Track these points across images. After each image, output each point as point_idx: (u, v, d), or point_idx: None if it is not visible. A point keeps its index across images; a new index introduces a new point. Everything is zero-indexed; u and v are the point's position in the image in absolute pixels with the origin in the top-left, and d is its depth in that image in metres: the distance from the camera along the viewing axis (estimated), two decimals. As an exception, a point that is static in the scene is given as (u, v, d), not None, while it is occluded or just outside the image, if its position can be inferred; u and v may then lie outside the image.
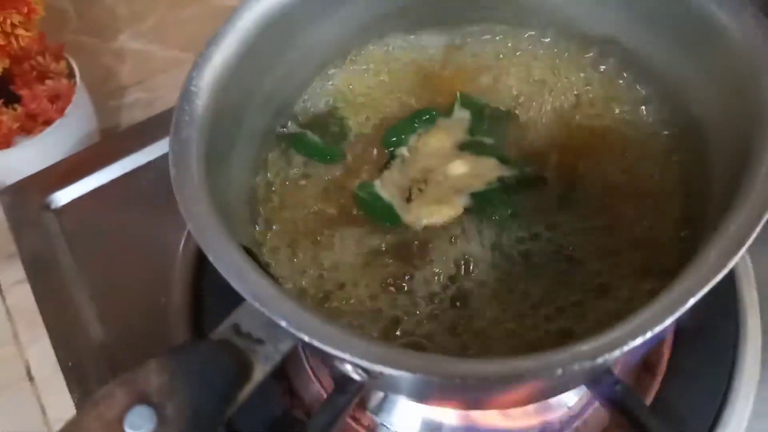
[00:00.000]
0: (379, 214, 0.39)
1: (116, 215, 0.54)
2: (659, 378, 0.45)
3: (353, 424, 0.45)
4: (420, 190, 0.40)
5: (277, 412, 0.45)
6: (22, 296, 0.70)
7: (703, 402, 0.44)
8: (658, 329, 0.26)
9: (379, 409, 0.46)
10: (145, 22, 0.85)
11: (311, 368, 0.48)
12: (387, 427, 0.45)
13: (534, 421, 0.45)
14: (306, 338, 0.26)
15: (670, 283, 0.28)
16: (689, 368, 0.45)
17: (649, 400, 0.44)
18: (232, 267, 0.28)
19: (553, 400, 0.45)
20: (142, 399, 0.24)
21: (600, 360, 0.25)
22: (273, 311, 0.27)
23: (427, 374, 0.25)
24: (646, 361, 0.47)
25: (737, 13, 0.34)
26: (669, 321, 0.26)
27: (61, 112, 0.66)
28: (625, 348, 0.26)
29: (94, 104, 0.74)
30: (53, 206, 0.54)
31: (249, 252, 0.31)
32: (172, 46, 0.84)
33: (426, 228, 0.38)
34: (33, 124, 0.66)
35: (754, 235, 0.28)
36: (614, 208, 0.38)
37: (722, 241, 0.29)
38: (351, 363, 0.28)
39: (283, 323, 0.27)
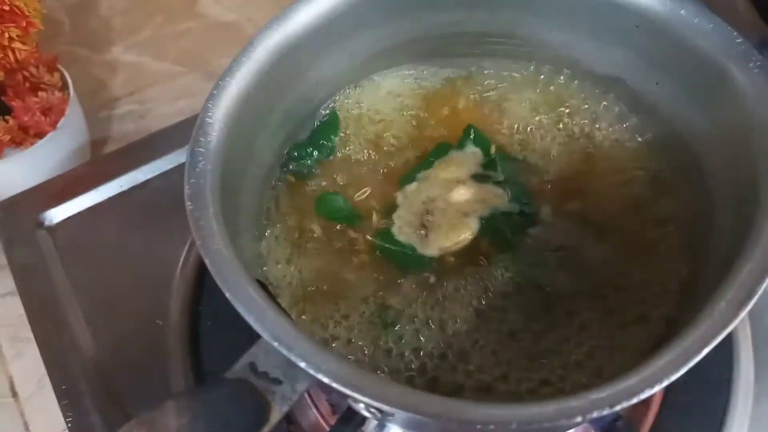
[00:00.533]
0: (402, 260, 0.39)
1: (111, 234, 0.53)
2: (654, 411, 0.46)
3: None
4: (428, 222, 0.41)
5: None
6: (8, 309, 0.69)
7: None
8: (673, 378, 0.26)
9: (376, 435, 0.46)
10: (140, 35, 0.84)
11: (310, 396, 0.47)
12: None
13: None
14: (326, 380, 0.26)
15: (681, 332, 0.28)
16: (683, 402, 0.46)
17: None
18: (251, 306, 0.28)
19: None
20: (163, 443, 0.24)
21: (617, 407, 0.26)
22: (293, 352, 0.27)
23: (447, 420, 0.25)
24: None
25: (744, 64, 0.35)
26: (683, 370, 0.27)
27: (53, 125, 0.65)
28: (642, 396, 0.26)
29: (85, 115, 0.73)
30: (47, 223, 0.53)
31: (263, 286, 0.31)
32: (165, 59, 0.84)
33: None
34: (24, 136, 0.65)
35: (764, 285, 0.29)
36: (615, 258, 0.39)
37: (733, 290, 0.29)
38: (368, 405, 0.28)
39: (303, 364, 0.27)
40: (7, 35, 0.54)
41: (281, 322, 0.28)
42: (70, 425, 0.46)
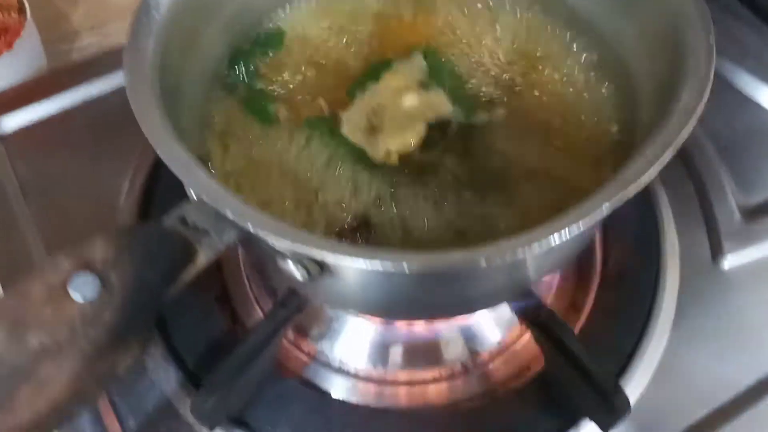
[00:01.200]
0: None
1: (65, 146, 0.54)
2: (584, 315, 0.49)
3: (293, 349, 0.47)
4: (377, 125, 0.42)
5: (218, 335, 0.46)
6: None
7: (623, 337, 0.47)
8: (573, 230, 0.28)
9: (321, 337, 0.48)
10: (102, -33, 0.83)
11: (255, 296, 0.49)
12: (326, 354, 0.47)
13: (465, 351, 0.48)
14: (250, 227, 0.28)
15: (594, 191, 0.30)
16: (612, 307, 0.49)
17: (574, 334, 0.47)
18: (182, 162, 0.30)
19: (485, 334, 0.48)
20: (88, 267, 0.25)
21: (520, 254, 0.28)
22: (219, 202, 0.28)
23: (365, 258, 0.27)
24: (573, 302, 0.50)
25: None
26: (583, 224, 0.29)
27: (9, 45, 0.65)
28: (551, 242, 0.28)
29: (44, 47, 0.73)
30: (-1, 133, 0.54)
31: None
32: (128, -7, 0.83)
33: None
34: (-21, 55, 0.65)
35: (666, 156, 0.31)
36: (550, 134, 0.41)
37: (637, 163, 0.31)
38: (293, 254, 0.30)
39: (229, 213, 0.28)
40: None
41: (210, 179, 0.30)
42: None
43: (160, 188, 0.51)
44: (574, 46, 0.45)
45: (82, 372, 0.23)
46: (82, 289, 0.25)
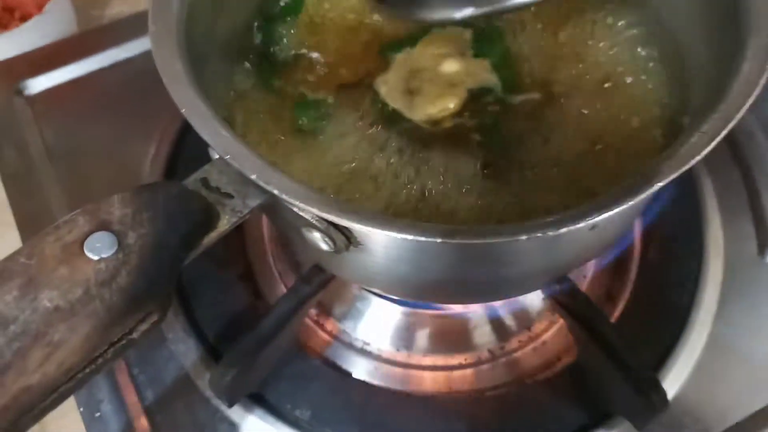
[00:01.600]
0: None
1: (92, 109, 0.53)
2: (620, 305, 0.46)
3: (317, 328, 0.46)
4: (415, 89, 0.40)
5: (240, 309, 0.45)
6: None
7: (661, 330, 0.45)
8: (621, 206, 0.26)
9: (344, 316, 0.46)
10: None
11: (278, 272, 0.48)
12: (349, 334, 0.46)
13: (492, 338, 0.46)
14: (276, 191, 0.26)
15: (640, 172, 0.28)
16: (650, 298, 0.46)
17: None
18: (207, 122, 0.28)
19: (514, 322, 0.46)
20: (104, 226, 0.24)
21: (564, 230, 0.26)
22: (245, 165, 0.27)
23: (392, 230, 0.25)
24: (609, 292, 0.48)
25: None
26: (631, 202, 0.26)
27: (40, 7, 0.64)
28: (587, 221, 0.26)
29: (75, 12, 0.72)
30: (26, 92, 0.53)
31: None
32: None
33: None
34: (10, 18, 0.65)
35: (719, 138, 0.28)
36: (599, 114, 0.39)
37: (685, 145, 0.29)
38: (317, 225, 0.28)
39: (254, 176, 0.26)
40: None
41: (236, 140, 0.28)
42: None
43: (186, 155, 0.50)
44: (620, 22, 0.42)
45: (96, 336, 0.22)
46: (98, 248, 0.23)
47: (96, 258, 0.23)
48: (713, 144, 0.28)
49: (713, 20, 0.35)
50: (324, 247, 0.30)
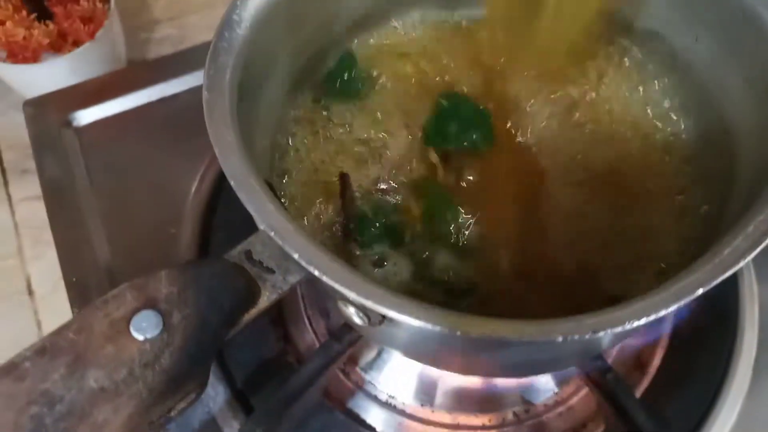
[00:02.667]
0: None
1: (136, 142, 0.54)
2: (650, 376, 0.46)
3: (342, 377, 0.46)
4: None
5: (269, 355, 0.46)
6: (32, 212, 0.71)
7: (689, 406, 0.44)
8: (663, 312, 0.26)
9: (370, 367, 0.47)
10: (187, -40, 0.84)
11: (308, 318, 0.48)
12: (374, 385, 0.46)
13: (518, 399, 0.46)
14: (316, 273, 0.27)
15: (679, 274, 0.28)
16: (681, 371, 0.46)
17: (637, 396, 0.45)
18: (253, 195, 0.29)
19: (541, 383, 0.46)
20: (151, 304, 0.24)
21: (601, 333, 0.26)
22: (287, 243, 0.27)
23: (426, 322, 0.25)
24: (639, 359, 0.47)
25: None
26: (673, 308, 0.26)
27: (91, 35, 0.66)
28: (628, 326, 0.26)
29: (124, 34, 0.74)
30: (75, 124, 0.54)
31: (269, 186, 0.31)
32: (208, -12, 0.84)
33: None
34: (63, 43, 0.67)
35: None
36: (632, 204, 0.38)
37: (737, 240, 0.29)
38: (354, 303, 0.28)
39: (296, 255, 0.27)
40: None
41: (280, 215, 0.28)
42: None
43: (228, 190, 0.51)
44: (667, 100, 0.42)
45: (137, 416, 0.23)
46: (144, 328, 0.24)
47: (141, 338, 0.24)
48: (758, 250, 0.28)
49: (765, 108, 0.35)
50: (358, 321, 0.30)
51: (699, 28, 0.39)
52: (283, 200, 0.38)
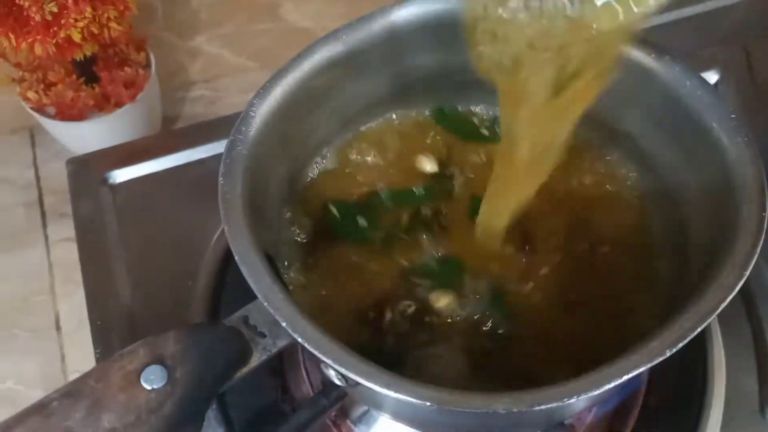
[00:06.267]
0: None
1: (163, 200, 0.60)
2: (619, 444, 0.49)
3: (333, 429, 0.50)
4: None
5: (266, 402, 0.50)
6: (66, 253, 0.78)
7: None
8: (596, 392, 0.30)
9: (360, 420, 0.51)
10: (223, 28, 0.92)
11: (306, 369, 0.53)
12: (362, 440, 0.50)
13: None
14: (300, 339, 0.32)
15: (635, 346, 0.32)
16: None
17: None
18: (253, 270, 0.34)
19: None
20: (159, 360, 0.29)
21: (538, 408, 0.30)
22: (277, 312, 0.32)
23: (391, 391, 0.30)
24: (609, 429, 0.50)
25: (734, 137, 0.39)
26: (606, 387, 0.30)
27: (132, 98, 0.74)
28: (563, 402, 0.30)
29: (161, 92, 0.82)
30: (110, 182, 0.61)
31: (270, 258, 0.37)
32: (242, 54, 0.91)
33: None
34: (106, 103, 0.74)
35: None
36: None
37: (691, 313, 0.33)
38: (333, 368, 0.33)
39: (284, 324, 0.32)
40: (106, 15, 0.63)
41: (274, 288, 0.34)
42: (97, 356, 0.52)
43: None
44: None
45: (140, 455, 0.27)
46: (152, 380, 0.29)
47: (149, 388, 0.29)
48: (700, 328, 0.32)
49: (712, 215, 0.39)
50: (338, 382, 0.35)
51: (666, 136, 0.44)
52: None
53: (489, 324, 0.41)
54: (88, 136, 0.74)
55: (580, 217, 0.46)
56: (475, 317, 0.42)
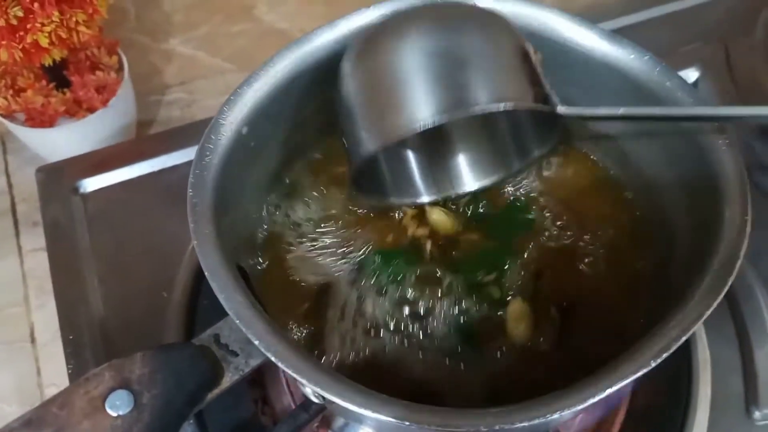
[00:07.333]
0: None
1: (137, 209, 0.59)
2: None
3: (314, 440, 0.49)
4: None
5: (246, 415, 0.49)
6: (39, 263, 0.76)
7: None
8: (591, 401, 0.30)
9: (341, 430, 0.50)
10: (198, 30, 0.90)
11: (287, 381, 0.52)
12: (344, 451, 0.49)
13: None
14: (272, 358, 0.30)
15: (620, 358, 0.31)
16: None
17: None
18: (223, 286, 0.33)
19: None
20: (125, 384, 0.28)
21: (519, 425, 0.29)
22: (249, 330, 0.31)
23: (367, 410, 0.29)
24: (596, 432, 0.50)
25: (713, 135, 0.38)
26: (581, 407, 0.30)
27: (105, 102, 0.72)
28: (545, 418, 0.29)
29: (136, 96, 0.80)
30: (82, 190, 0.59)
31: (242, 272, 0.36)
32: (217, 56, 0.90)
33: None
34: (77, 109, 0.72)
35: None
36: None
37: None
38: (306, 385, 0.32)
39: (256, 342, 0.31)
40: (74, 19, 0.61)
41: (246, 304, 0.32)
42: (70, 372, 0.51)
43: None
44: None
45: (105, 486, 0.26)
46: (117, 405, 0.28)
47: (114, 414, 0.27)
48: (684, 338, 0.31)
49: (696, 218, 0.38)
50: (314, 399, 0.34)
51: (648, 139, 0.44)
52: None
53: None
54: (60, 142, 0.72)
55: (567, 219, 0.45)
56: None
